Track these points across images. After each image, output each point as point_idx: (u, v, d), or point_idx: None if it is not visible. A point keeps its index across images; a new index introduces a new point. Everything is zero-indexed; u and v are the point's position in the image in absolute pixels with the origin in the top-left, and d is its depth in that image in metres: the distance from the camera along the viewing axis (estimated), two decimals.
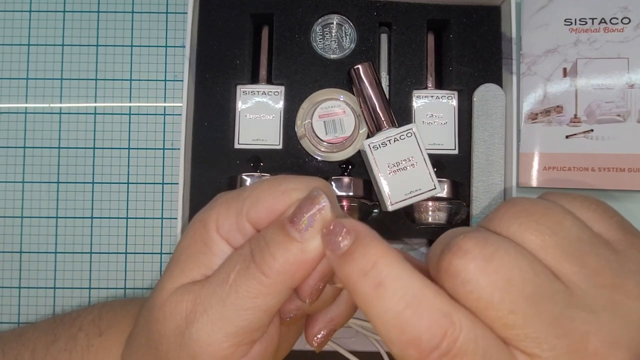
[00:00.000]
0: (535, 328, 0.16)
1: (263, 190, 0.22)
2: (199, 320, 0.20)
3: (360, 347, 0.41)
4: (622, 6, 0.42)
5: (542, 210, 0.18)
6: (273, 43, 0.41)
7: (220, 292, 0.20)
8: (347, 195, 0.38)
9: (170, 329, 0.21)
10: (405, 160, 0.37)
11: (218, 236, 0.22)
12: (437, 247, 0.19)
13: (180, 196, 0.38)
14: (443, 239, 0.19)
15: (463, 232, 0.18)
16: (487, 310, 0.17)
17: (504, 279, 0.16)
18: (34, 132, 0.45)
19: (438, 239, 0.20)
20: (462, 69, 0.41)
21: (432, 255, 0.19)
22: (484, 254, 0.17)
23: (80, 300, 0.45)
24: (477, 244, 0.17)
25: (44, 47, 0.46)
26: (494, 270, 0.16)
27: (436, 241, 0.20)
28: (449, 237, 0.19)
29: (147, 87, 0.46)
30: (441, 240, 0.19)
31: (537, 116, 0.42)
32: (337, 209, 0.21)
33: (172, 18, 0.46)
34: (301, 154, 0.41)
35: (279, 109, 0.41)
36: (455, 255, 0.17)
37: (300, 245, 0.19)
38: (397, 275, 0.17)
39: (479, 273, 0.16)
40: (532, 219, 0.18)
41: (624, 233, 0.19)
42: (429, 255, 0.20)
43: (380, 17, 0.41)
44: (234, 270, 0.21)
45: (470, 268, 0.17)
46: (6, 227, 0.45)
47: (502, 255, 0.17)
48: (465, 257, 0.17)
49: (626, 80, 0.42)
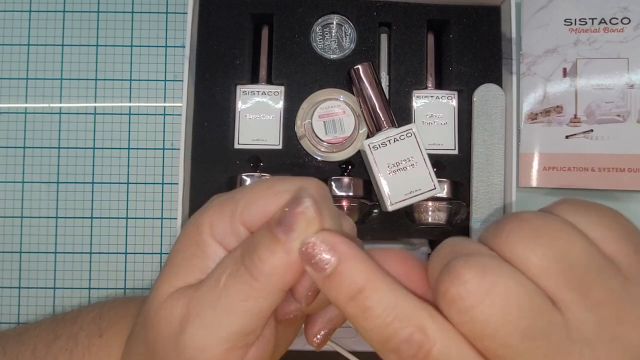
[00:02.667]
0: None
1: (256, 193, 0.21)
2: (192, 325, 0.20)
3: (360, 347, 0.41)
4: (622, 6, 0.42)
5: (552, 233, 0.18)
6: (273, 43, 0.41)
7: (212, 296, 0.20)
8: (347, 195, 0.38)
9: (166, 334, 0.21)
10: (405, 160, 0.37)
11: (212, 239, 0.22)
12: (436, 262, 0.19)
13: (180, 196, 0.38)
14: (444, 254, 0.19)
15: (464, 252, 0.18)
16: (480, 340, 0.17)
17: (499, 313, 0.16)
18: (34, 132, 0.45)
19: (439, 250, 0.19)
20: (462, 69, 0.41)
21: (432, 271, 0.19)
22: (483, 287, 0.17)
23: (80, 300, 0.45)
24: (476, 275, 0.17)
25: (44, 47, 0.46)
26: (490, 304, 0.16)
27: (437, 252, 0.19)
28: (450, 254, 0.18)
29: (147, 87, 0.46)
30: (442, 254, 0.19)
31: (537, 116, 0.42)
32: (329, 208, 0.21)
33: (172, 18, 0.46)
34: (301, 154, 0.41)
35: (278, 109, 0.41)
36: (453, 284, 0.17)
37: (287, 247, 0.19)
38: (382, 298, 0.18)
39: (475, 305, 0.17)
40: (539, 243, 0.18)
41: (638, 255, 0.18)
42: (428, 266, 0.20)
43: (380, 17, 0.41)
44: (224, 273, 0.20)
45: (467, 299, 0.17)
46: (6, 227, 0.45)
47: (501, 289, 0.17)
48: (462, 287, 0.17)
49: (626, 81, 0.42)
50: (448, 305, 0.17)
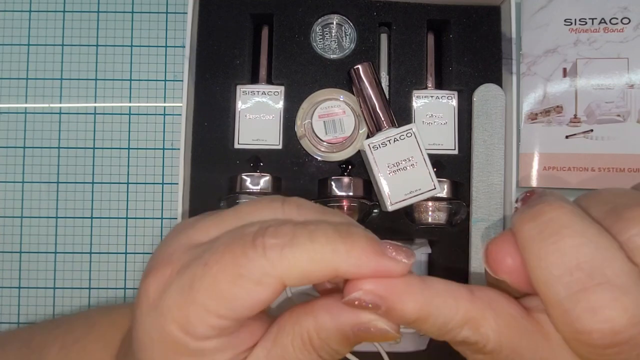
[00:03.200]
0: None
1: (221, 282, 0.19)
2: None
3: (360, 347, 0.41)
4: (622, 6, 0.42)
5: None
6: (273, 43, 0.41)
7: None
8: (347, 195, 0.38)
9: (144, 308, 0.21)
10: (405, 160, 0.37)
11: (197, 342, 0.19)
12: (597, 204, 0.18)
13: (180, 196, 0.38)
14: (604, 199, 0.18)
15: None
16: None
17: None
18: (34, 132, 0.45)
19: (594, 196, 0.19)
20: (462, 69, 0.41)
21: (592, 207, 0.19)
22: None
23: (80, 300, 0.45)
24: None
25: (44, 47, 0.46)
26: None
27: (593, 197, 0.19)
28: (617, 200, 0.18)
29: (147, 87, 0.46)
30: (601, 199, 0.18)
31: (537, 116, 0.42)
32: (313, 213, 0.21)
33: (172, 18, 0.46)
34: (301, 154, 0.41)
35: (278, 109, 0.41)
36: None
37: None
38: (434, 321, 0.19)
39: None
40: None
41: None
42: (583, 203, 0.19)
43: (380, 17, 0.41)
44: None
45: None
46: (6, 227, 0.45)
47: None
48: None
49: (626, 81, 0.42)
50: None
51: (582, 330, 0.16)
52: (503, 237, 0.20)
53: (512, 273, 0.19)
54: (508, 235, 0.19)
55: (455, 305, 0.19)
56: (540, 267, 0.17)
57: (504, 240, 0.19)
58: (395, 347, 0.41)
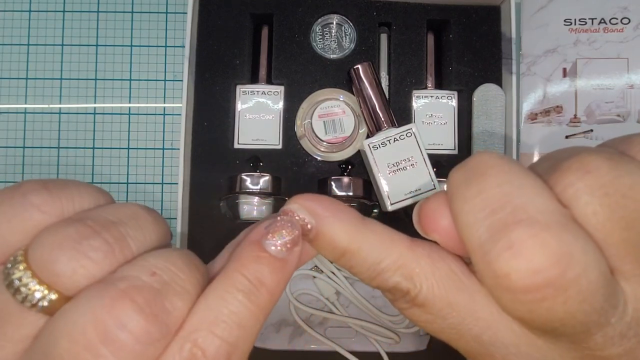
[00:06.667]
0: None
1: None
2: None
3: (360, 347, 0.41)
4: (621, 6, 0.42)
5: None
6: (273, 43, 0.41)
7: None
8: (347, 195, 0.38)
9: None
10: (405, 160, 0.37)
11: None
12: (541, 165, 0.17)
13: (180, 196, 0.38)
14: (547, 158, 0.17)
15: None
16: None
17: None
18: (34, 132, 0.45)
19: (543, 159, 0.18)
20: (462, 69, 0.41)
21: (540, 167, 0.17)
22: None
23: None
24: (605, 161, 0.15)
25: (44, 47, 0.46)
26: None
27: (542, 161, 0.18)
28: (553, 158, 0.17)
29: (147, 87, 0.46)
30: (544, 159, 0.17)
31: (537, 116, 0.42)
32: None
33: (172, 18, 0.46)
34: (301, 154, 0.41)
35: (278, 109, 0.41)
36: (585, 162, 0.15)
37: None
38: (365, 257, 0.18)
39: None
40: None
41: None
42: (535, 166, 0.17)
43: (380, 17, 0.41)
44: None
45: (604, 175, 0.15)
46: None
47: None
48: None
49: (626, 81, 0.42)
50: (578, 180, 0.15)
51: (500, 273, 0.15)
52: (435, 195, 0.19)
53: (442, 231, 0.18)
54: (440, 194, 0.18)
55: (390, 247, 0.18)
56: (464, 212, 0.16)
57: (435, 198, 0.19)
58: (395, 347, 0.41)
